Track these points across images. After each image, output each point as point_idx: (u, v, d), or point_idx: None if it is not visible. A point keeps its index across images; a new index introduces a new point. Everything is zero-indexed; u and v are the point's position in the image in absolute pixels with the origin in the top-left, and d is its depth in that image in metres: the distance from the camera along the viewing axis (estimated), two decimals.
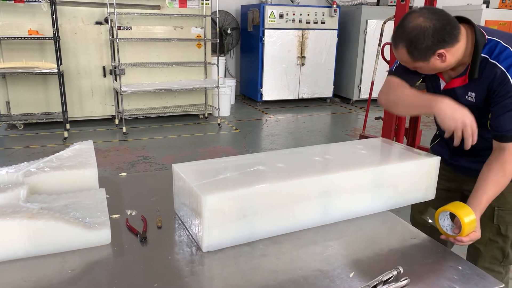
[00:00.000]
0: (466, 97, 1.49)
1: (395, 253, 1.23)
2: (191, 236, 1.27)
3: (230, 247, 1.22)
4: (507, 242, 1.63)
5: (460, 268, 1.15)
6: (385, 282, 1.05)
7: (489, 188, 1.40)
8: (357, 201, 1.40)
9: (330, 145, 1.73)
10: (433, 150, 1.77)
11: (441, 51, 1.37)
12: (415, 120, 3.92)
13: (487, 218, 1.63)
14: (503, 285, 1.09)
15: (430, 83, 1.67)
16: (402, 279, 1.06)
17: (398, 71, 1.67)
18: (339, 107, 7.73)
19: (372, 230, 1.36)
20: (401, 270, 1.08)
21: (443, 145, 1.74)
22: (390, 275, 1.06)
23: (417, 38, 1.35)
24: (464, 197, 1.72)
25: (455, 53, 1.42)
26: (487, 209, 1.58)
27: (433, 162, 1.51)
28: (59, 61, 5.07)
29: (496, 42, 1.42)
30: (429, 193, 1.54)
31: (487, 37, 1.44)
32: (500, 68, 1.38)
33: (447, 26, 1.36)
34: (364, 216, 1.43)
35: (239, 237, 1.23)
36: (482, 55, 1.42)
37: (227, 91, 6.66)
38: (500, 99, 1.39)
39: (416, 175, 1.48)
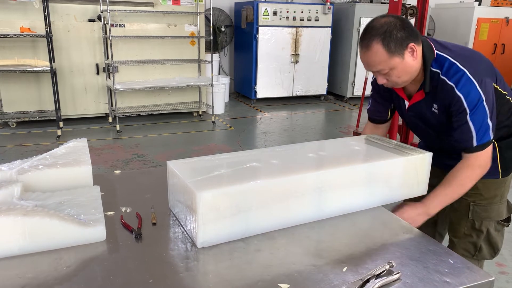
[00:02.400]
0: (432, 109, 1.56)
1: (388, 247, 1.25)
2: (186, 232, 1.28)
3: (225, 242, 1.23)
4: (480, 236, 1.69)
5: (451, 261, 1.17)
6: (378, 276, 1.07)
7: (446, 189, 1.52)
8: (351, 196, 1.42)
9: (324, 142, 1.74)
10: (420, 147, 1.83)
11: (412, 44, 1.43)
12: None
13: (463, 213, 1.70)
14: (493, 278, 1.11)
15: (398, 108, 1.75)
16: (394, 273, 1.08)
17: (369, 114, 1.86)
18: (333, 105, 7.76)
19: (366, 225, 1.38)
20: (394, 264, 1.10)
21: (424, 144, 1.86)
22: (383, 269, 1.08)
23: (390, 30, 1.41)
24: None
25: (419, 54, 1.47)
26: (463, 204, 1.69)
27: (425, 158, 1.53)
28: (51, 59, 5.04)
29: (445, 57, 1.48)
30: (421, 188, 1.56)
31: (435, 51, 1.50)
32: (449, 84, 1.44)
33: (409, 23, 1.45)
34: (357, 211, 1.45)
35: (233, 233, 1.24)
36: (433, 69, 1.49)
37: (221, 88, 6.66)
38: (454, 113, 1.47)
39: (408, 171, 1.50)
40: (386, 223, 1.40)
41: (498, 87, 1.52)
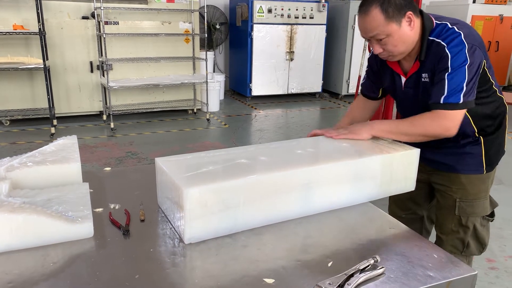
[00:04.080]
0: (422, 79, 1.58)
1: (373, 242, 1.26)
2: (174, 228, 1.29)
3: (212, 238, 1.23)
4: (467, 232, 1.69)
5: (436, 256, 1.18)
6: (362, 271, 1.08)
7: (398, 120, 1.59)
8: (338, 192, 1.43)
9: (313, 139, 1.74)
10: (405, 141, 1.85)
11: (410, 13, 1.46)
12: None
13: (449, 209, 1.71)
14: (476, 272, 1.13)
15: (391, 88, 1.75)
16: (378, 268, 1.09)
17: (361, 87, 1.88)
18: (328, 102, 7.77)
19: (352, 221, 1.39)
20: (378, 259, 1.11)
21: None
22: (367, 264, 1.09)
23: None
24: (432, 189, 1.82)
25: (416, 25, 1.50)
26: (450, 201, 1.70)
27: (413, 154, 1.53)
28: (45, 57, 5.02)
29: (444, 24, 1.51)
30: (408, 184, 1.57)
31: (434, 21, 1.53)
32: (442, 44, 1.47)
33: None
34: (344, 207, 1.46)
35: (221, 229, 1.25)
36: (430, 38, 1.51)
37: (216, 86, 6.65)
38: (437, 71, 1.49)
39: (395, 167, 1.51)
40: (373, 219, 1.41)
41: (487, 70, 1.54)
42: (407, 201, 1.90)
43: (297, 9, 7.27)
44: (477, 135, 1.62)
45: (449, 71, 1.44)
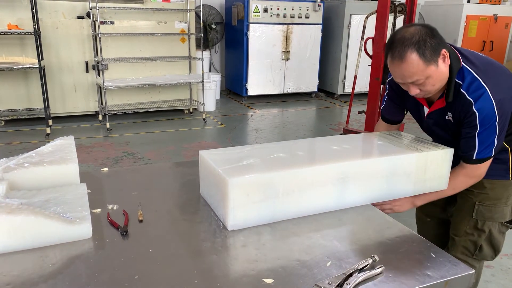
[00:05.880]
0: (446, 117, 1.59)
1: (372, 242, 1.27)
2: (216, 216, 1.35)
3: (211, 238, 1.24)
4: (482, 236, 1.68)
5: (433, 255, 1.19)
6: (361, 270, 1.08)
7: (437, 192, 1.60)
8: (373, 187, 1.48)
9: (348, 136, 1.77)
10: None
11: (444, 50, 1.43)
12: None
13: (467, 212, 1.70)
14: (473, 271, 1.14)
15: (415, 113, 1.75)
16: (377, 267, 1.09)
17: (383, 113, 1.87)
18: (324, 102, 7.79)
19: (351, 221, 1.40)
20: (377, 258, 1.12)
21: None
22: (366, 263, 1.10)
23: (423, 39, 1.39)
24: (448, 201, 1.81)
25: (448, 60, 1.47)
26: (469, 203, 1.69)
27: (447, 153, 1.56)
28: (40, 57, 4.99)
29: (469, 71, 1.48)
30: (441, 182, 1.60)
31: (462, 63, 1.49)
32: (468, 99, 1.46)
33: (436, 30, 1.44)
34: (342, 208, 1.46)
35: (261, 218, 1.32)
36: (456, 80, 1.49)
37: (212, 86, 6.65)
38: (465, 125, 1.49)
39: (430, 165, 1.54)
40: (371, 219, 1.42)
41: None
42: (429, 204, 1.84)
43: (293, 9, 7.27)
44: (507, 146, 1.61)
45: (478, 129, 1.44)
